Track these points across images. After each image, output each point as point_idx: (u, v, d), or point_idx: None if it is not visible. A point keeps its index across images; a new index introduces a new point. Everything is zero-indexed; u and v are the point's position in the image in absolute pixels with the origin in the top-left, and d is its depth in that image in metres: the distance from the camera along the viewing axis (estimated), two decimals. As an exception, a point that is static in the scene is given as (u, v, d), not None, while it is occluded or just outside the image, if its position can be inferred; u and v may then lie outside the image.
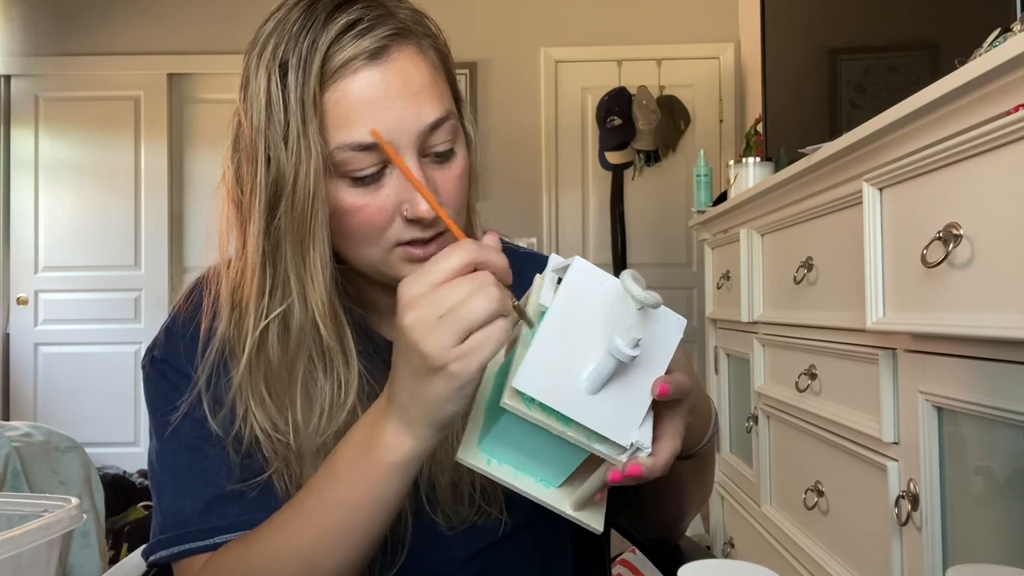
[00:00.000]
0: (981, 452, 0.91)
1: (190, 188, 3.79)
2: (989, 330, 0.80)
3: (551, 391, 0.47)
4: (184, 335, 0.69)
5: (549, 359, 0.48)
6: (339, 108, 0.59)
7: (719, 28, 3.65)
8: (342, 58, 0.59)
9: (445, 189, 0.64)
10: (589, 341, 0.49)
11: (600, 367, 0.48)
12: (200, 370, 0.66)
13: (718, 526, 2.16)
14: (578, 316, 0.49)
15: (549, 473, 0.54)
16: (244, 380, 0.64)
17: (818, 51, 2.01)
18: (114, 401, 3.68)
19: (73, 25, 3.74)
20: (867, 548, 1.17)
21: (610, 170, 3.62)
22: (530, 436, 0.51)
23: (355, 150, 0.59)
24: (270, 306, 0.63)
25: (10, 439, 1.87)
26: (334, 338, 0.63)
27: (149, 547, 0.67)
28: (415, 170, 0.60)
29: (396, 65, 0.61)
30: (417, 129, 0.61)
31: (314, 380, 0.64)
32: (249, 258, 0.63)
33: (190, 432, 0.67)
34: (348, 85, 0.59)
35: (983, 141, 0.80)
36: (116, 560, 2.52)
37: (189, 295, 0.72)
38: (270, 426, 0.64)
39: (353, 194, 0.61)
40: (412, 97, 0.61)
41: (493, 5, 3.68)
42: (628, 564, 2.06)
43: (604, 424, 0.49)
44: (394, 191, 0.61)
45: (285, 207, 0.60)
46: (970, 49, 0.96)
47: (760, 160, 2.02)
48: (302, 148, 0.59)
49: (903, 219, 1.00)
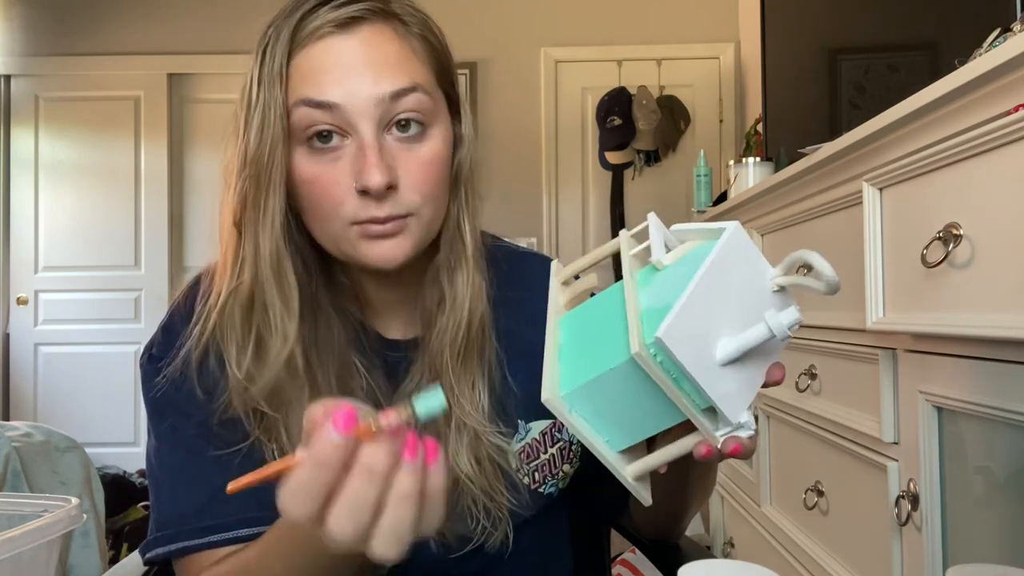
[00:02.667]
0: (981, 452, 0.91)
1: (190, 188, 3.79)
2: (989, 330, 0.80)
3: (688, 352, 0.45)
4: (181, 332, 0.69)
5: (691, 319, 0.45)
6: (301, 70, 0.61)
7: (719, 28, 3.65)
8: (313, 26, 0.61)
9: (407, 170, 0.63)
10: (727, 311, 0.47)
11: (745, 338, 0.46)
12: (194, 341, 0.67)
13: (718, 526, 2.16)
14: (722, 282, 0.47)
15: (617, 437, 0.51)
16: (216, 338, 0.66)
17: (818, 51, 2.01)
18: (114, 401, 3.68)
19: (73, 25, 3.74)
20: (867, 548, 1.17)
21: (610, 170, 3.62)
22: (620, 396, 0.48)
23: (309, 106, 0.61)
24: (242, 270, 0.65)
25: (10, 439, 1.87)
26: (276, 294, 0.64)
27: (146, 545, 0.67)
28: (369, 138, 0.61)
29: (363, 35, 0.62)
30: (375, 96, 0.61)
31: (268, 334, 0.65)
32: (225, 225, 0.66)
33: (189, 430, 0.67)
34: (312, 50, 0.62)
35: (983, 141, 0.80)
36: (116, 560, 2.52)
37: (188, 292, 0.72)
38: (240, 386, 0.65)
39: (310, 163, 0.62)
40: (373, 66, 0.61)
41: (493, 5, 3.68)
42: (628, 564, 2.06)
43: (723, 398, 0.47)
44: (349, 162, 0.62)
45: (249, 171, 0.62)
46: (970, 49, 0.96)
47: (760, 160, 2.02)
48: (266, 111, 0.61)
49: (903, 219, 1.00)
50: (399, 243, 0.63)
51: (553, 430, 0.76)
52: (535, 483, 0.74)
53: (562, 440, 0.76)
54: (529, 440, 0.74)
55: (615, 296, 0.52)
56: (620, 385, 0.48)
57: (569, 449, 0.77)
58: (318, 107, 0.60)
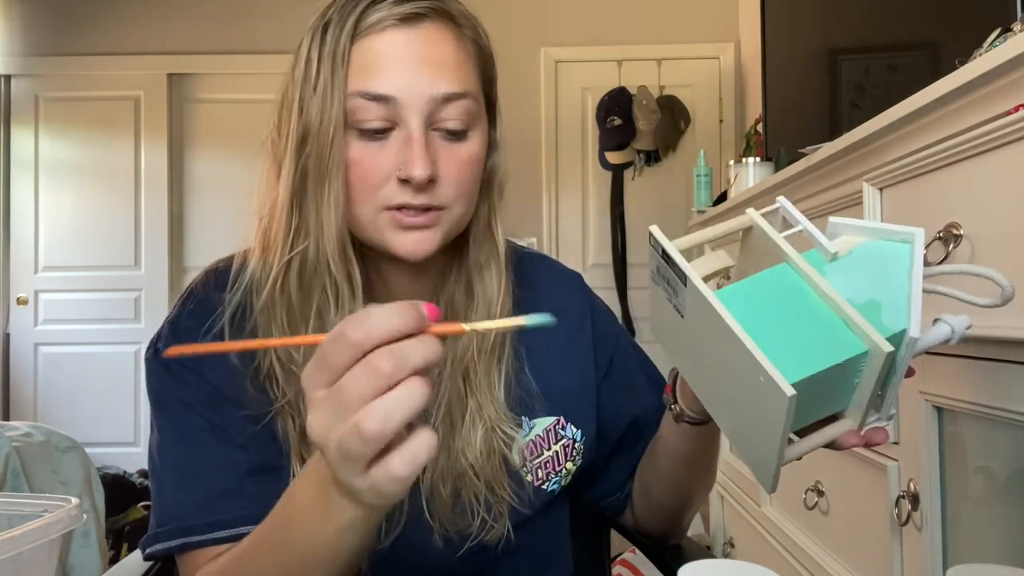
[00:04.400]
0: (981, 452, 0.91)
1: (190, 188, 3.79)
2: (989, 330, 0.80)
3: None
4: (195, 326, 0.69)
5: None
6: (362, 59, 0.63)
7: (719, 28, 3.65)
8: (376, 17, 0.63)
9: (448, 168, 0.65)
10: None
11: (930, 337, 0.49)
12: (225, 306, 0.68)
13: (718, 526, 2.16)
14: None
15: None
16: (266, 310, 0.67)
17: (818, 51, 2.01)
18: (114, 401, 3.68)
19: (73, 25, 3.74)
20: (867, 548, 1.17)
21: (610, 170, 3.62)
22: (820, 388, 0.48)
23: (366, 98, 0.63)
24: (293, 243, 0.66)
25: (10, 439, 1.87)
26: (342, 273, 0.65)
27: (146, 540, 0.67)
28: (417, 132, 0.63)
29: (424, 33, 0.64)
30: (429, 95, 0.63)
31: (327, 312, 0.66)
32: (280, 198, 0.66)
33: (192, 425, 0.67)
34: (374, 40, 0.63)
35: (983, 141, 0.80)
36: (116, 560, 2.52)
37: (207, 278, 0.72)
38: (286, 358, 0.66)
39: (358, 147, 0.64)
40: (431, 65, 0.64)
41: (493, 5, 3.66)
42: (628, 564, 2.06)
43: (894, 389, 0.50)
44: (394, 151, 0.64)
45: (310, 149, 0.64)
46: (970, 49, 0.96)
47: (760, 160, 2.02)
48: (327, 94, 0.63)
49: (903, 219, 1.00)
50: (428, 236, 0.66)
51: (557, 427, 0.76)
52: (538, 480, 0.75)
53: (565, 437, 0.77)
54: (533, 437, 0.75)
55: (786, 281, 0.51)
56: (832, 377, 0.48)
57: (572, 446, 0.77)
58: (374, 99, 0.63)
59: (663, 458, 0.75)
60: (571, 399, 0.77)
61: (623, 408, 0.82)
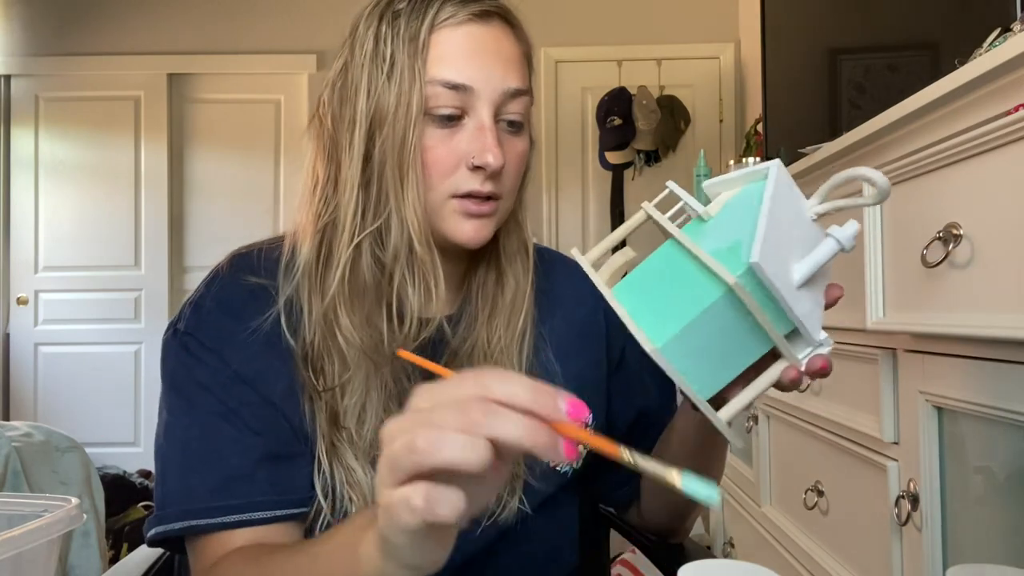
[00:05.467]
0: (981, 452, 0.91)
1: (190, 188, 3.79)
2: (989, 330, 0.80)
3: (775, 275, 0.47)
4: (217, 309, 0.69)
5: (769, 245, 0.47)
6: (439, 48, 0.66)
7: (719, 28, 3.65)
8: (451, 11, 0.66)
9: (509, 156, 0.68)
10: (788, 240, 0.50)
11: (817, 256, 0.49)
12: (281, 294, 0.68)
13: (718, 526, 2.16)
14: (780, 214, 0.50)
15: (704, 385, 0.51)
16: (338, 292, 0.67)
17: (818, 51, 2.01)
18: (114, 401, 3.68)
19: (73, 25, 3.74)
20: (867, 548, 1.17)
21: (610, 170, 3.62)
22: (708, 338, 0.49)
23: (444, 87, 0.65)
24: (363, 225, 0.67)
25: (10, 439, 1.87)
26: (428, 255, 0.67)
27: (150, 522, 0.65)
28: (489, 121, 0.66)
29: (495, 30, 0.68)
30: (502, 88, 0.66)
31: (405, 293, 0.67)
32: (347, 181, 0.67)
33: (206, 407, 0.66)
34: (452, 32, 0.66)
35: (983, 141, 0.80)
36: (116, 560, 2.52)
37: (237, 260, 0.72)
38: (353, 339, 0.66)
39: (431, 134, 0.66)
40: (503, 60, 0.67)
41: (493, 5, 3.68)
42: (628, 564, 2.06)
43: (804, 317, 0.49)
44: (466, 139, 0.66)
45: (387, 133, 0.65)
46: (970, 49, 0.96)
47: (760, 160, 2.02)
48: (406, 79, 0.64)
49: (903, 219, 1.00)
50: (487, 224, 0.69)
51: None
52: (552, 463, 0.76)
53: (579, 421, 0.77)
54: None
55: (667, 255, 0.53)
56: (711, 326, 0.49)
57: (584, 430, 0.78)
58: (452, 88, 0.65)
59: (676, 447, 0.77)
60: (584, 384, 0.78)
61: (633, 399, 0.84)
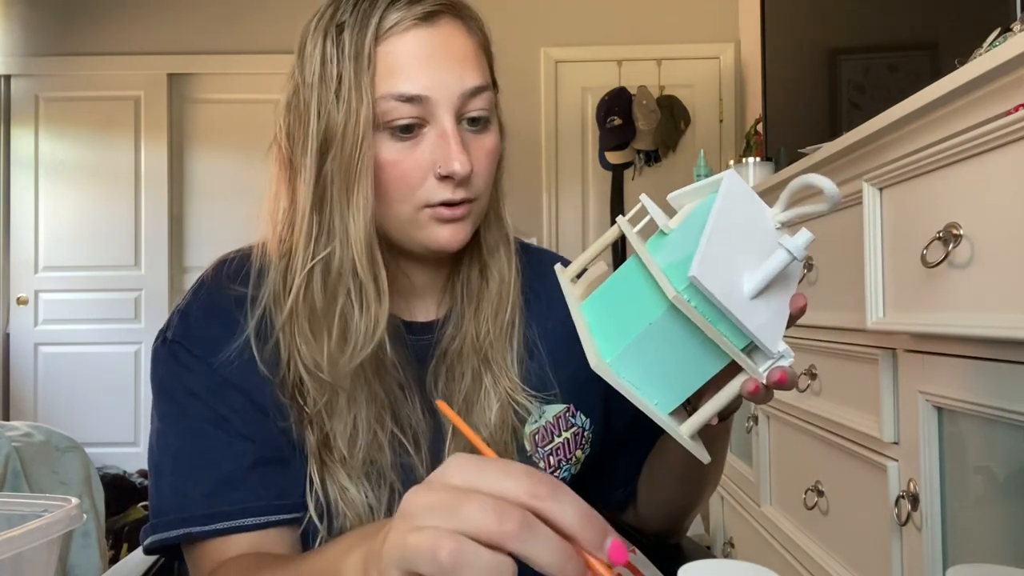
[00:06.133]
0: (981, 452, 0.91)
1: (190, 188, 3.79)
2: (989, 330, 0.80)
3: (719, 288, 0.46)
4: (204, 316, 0.69)
5: (715, 258, 0.46)
6: (388, 60, 0.64)
7: (719, 28, 3.65)
8: (396, 18, 0.64)
9: (477, 158, 0.67)
10: (744, 248, 0.49)
11: (768, 267, 0.48)
12: (249, 320, 0.68)
13: (718, 526, 2.16)
14: (732, 222, 0.49)
15: (664, 399, 0.51)
16: (290, 320, 0.66)
17: (818, 51, 2.01)
18: (114, 401, 3.68)
19: (73, 25, 3.74)
20: (867, 548, 1.17)
21: (610, 170, 3.62)
22: (662, 353, 0.48)
23: (398, 100, 0.63)
24: (315, 250, 0.65)
25: (10, 439, 1.87)
26: (369, 276, 0.65)
27: (146, 531, 0.66)
28: (451, 128, 0.64)
29: (444, 31, 0.65)
30: (459, 90, 0.64)
31: (351, 316, 0.66)
32: (300, 205, 0.66)
33: (197, 414, 0.66)
34: (399, 41, 0.64)
35: (983, 141, 0.80)
36: (116, 560, 2.52)
37: (220, 267, 0.72)
38: (312, 363, 0.66)
39: (392, 148, 0.64)
40: (457, 61, 0.65)
41: (493, 5, 3.66)
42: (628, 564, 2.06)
43: (759, 330, 0.48)
44: (430, 149, 0.65)
45: (335, 153, 0.64)
46: (970, 49, 0.96)
47: (760, 160, 2.02)
48: (353, 98, 0.63)
49: (903, 219, 1.00)
50: (463, 227, 0.68)
51: (567, 415, 0.77)
52: (550, 467, 0.76)
53: (576, 425, 0.78)
54: (544, 423, 0.76)
55: (630, 270, 0.53)
56: (661, 340, 0.48)
57: (582, 434, 0.78)
58: (408, 101, 0.63)
59: (674, 451, 0.76)
60: (580, 387, 0.78)
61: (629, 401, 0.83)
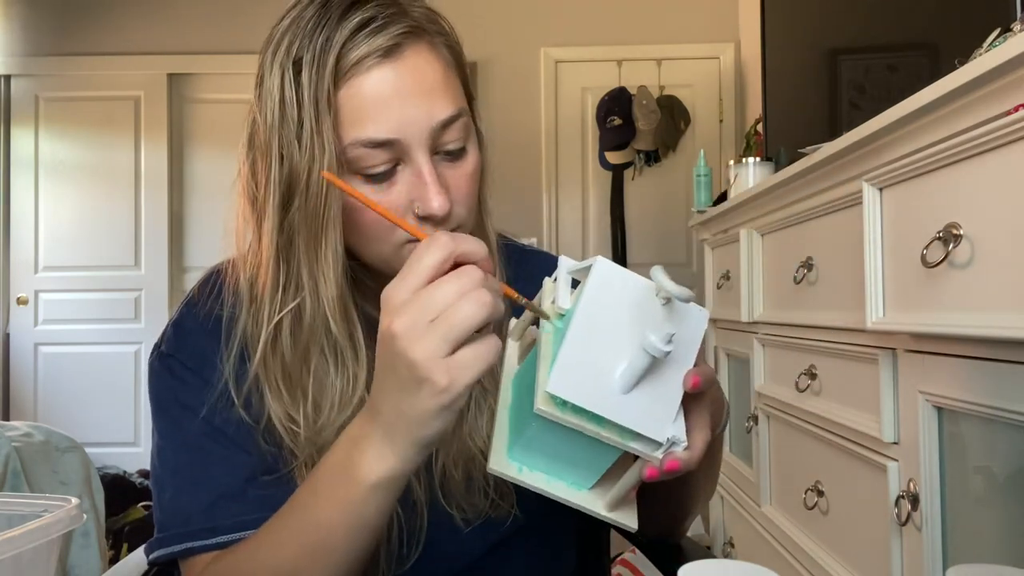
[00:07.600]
0: (981, 452, 0.91)
1: (190, 188, 3.79)
2: (989, 330, 0.80)
3: (585, 393, 0.47)
4: (197, 329, 0.69)
5: (580, 360, 0.47)
6: (352, 104, 0.59)
7: (719, 28, 3.65)
8: (356, 55, 0.59)
9: (457, 187, 0.64)
10: (617, 340, 0.49)
11: (633, 365, 0.47)
12: (225, 357, 0.67)
13: (718, 526, 2.16)
14: (605, 315, 0.49)
15: (581, 476, 0.53)
16: (260, 372, 0.65)
17: (818, 51, 2.01)
18: (114, 401, 3.68)
19: (73, 25, 3.74)
20: (867, 548, 1.17)
21: (610, 170, 3.62)
22: (562, 440, 0.50)
23: (368, 147, 0.60)
24: (283, 301, 0.63)
25: (10, 439, 1.87)
26: (344, 333, 0.63)
27: (150, 545, 0.66)
28: (426, 167, 0.61)
29: (409, 63, 0.61)
30: (429, 126, 0.61)
31: (326, 374, 0.64)
32: (264, 253, 0.64)
33: (194, 429, 0.66)
34: (362, 82, 0.59)
35: (983, 141, 0.80)
36: (116, 560, 2.52)
37: (205, 285, 0.72)
38: (285, 417, 0.64)
39: (366, 191, 0.61)
40: (424, 95, 0.61)
41: (493, 5, 3.68)
42: (628, 564, 2.06)
43: (639, 421, 0.48)
44: (406, 188, 0.61)
45: (299, 203, 0.61)
46: (970, 49, 0.96)
47: (760, 160, 2.02)
48: (315, 146, 0.59)
49: (903, 219, 1.00)
50: None
51: None
52: None
53: None
54: None
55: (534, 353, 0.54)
56: (552, 433, 0.50)
57: None
58: (378, 146, 0.60)
59: None
60: None
61: None
